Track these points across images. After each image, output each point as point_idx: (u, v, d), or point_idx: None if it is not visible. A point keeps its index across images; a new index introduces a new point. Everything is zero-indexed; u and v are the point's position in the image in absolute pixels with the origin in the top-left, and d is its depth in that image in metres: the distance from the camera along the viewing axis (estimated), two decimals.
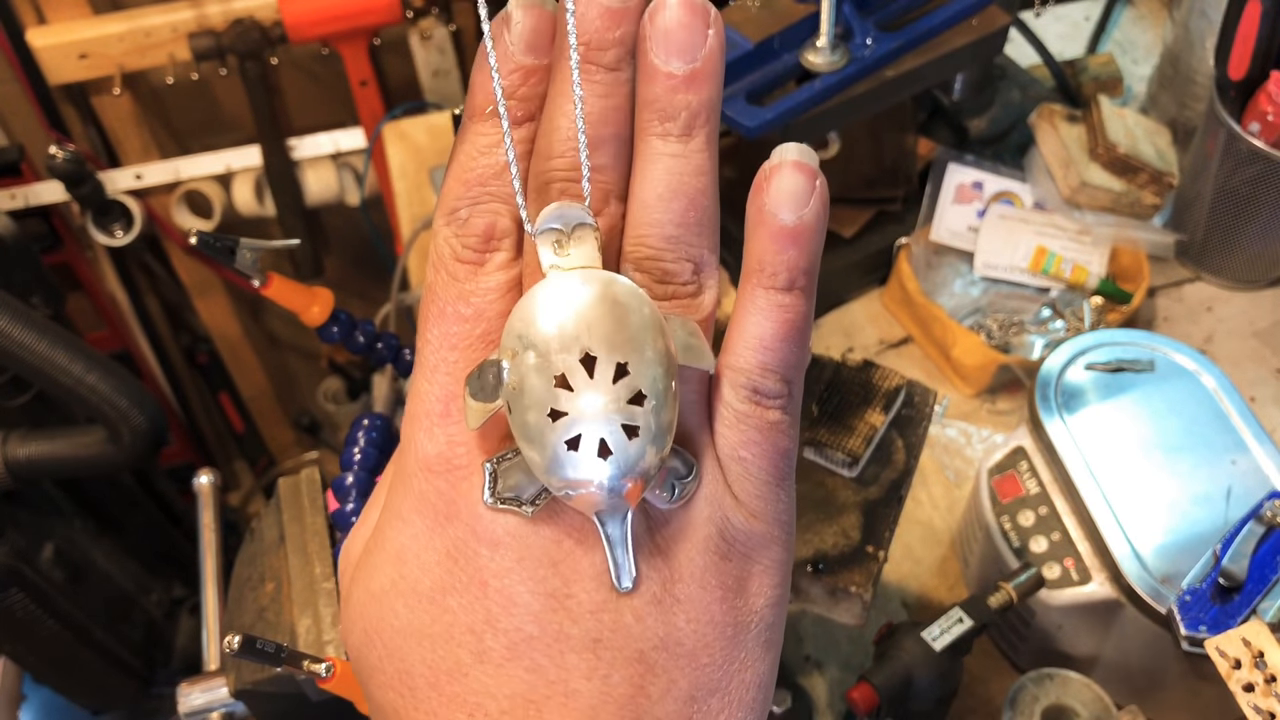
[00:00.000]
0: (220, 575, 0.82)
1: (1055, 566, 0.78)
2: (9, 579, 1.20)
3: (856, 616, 0.63)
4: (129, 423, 1.14)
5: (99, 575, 1.40)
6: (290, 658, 0.50)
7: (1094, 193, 1.05)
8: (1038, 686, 0.74)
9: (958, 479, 0.99)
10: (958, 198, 1.10)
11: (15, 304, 1.07)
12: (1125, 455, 0.79)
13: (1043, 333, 1.05)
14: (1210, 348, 1.07)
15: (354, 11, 1.65)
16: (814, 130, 0.89)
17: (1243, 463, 0.78)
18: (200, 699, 0.68)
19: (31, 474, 1.19)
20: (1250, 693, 0.63)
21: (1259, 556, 0.71)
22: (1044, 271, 1.06)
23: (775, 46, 0.86)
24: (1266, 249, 1.07)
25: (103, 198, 1.75)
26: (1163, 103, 1.24)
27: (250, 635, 0.48)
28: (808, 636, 0.89)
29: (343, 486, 0.58)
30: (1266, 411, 1.01)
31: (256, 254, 0.57)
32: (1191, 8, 1.15)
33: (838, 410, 0.68)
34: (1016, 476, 0.83)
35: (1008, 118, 1.19)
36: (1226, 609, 0.70)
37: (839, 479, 0.67)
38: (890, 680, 0.67)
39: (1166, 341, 0.85)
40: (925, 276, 1.08)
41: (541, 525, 0.28)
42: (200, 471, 0.89)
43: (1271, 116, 0.98)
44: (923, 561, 0.94)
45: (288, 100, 1.89)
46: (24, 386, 1.33)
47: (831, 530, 0.64)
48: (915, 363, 1.08)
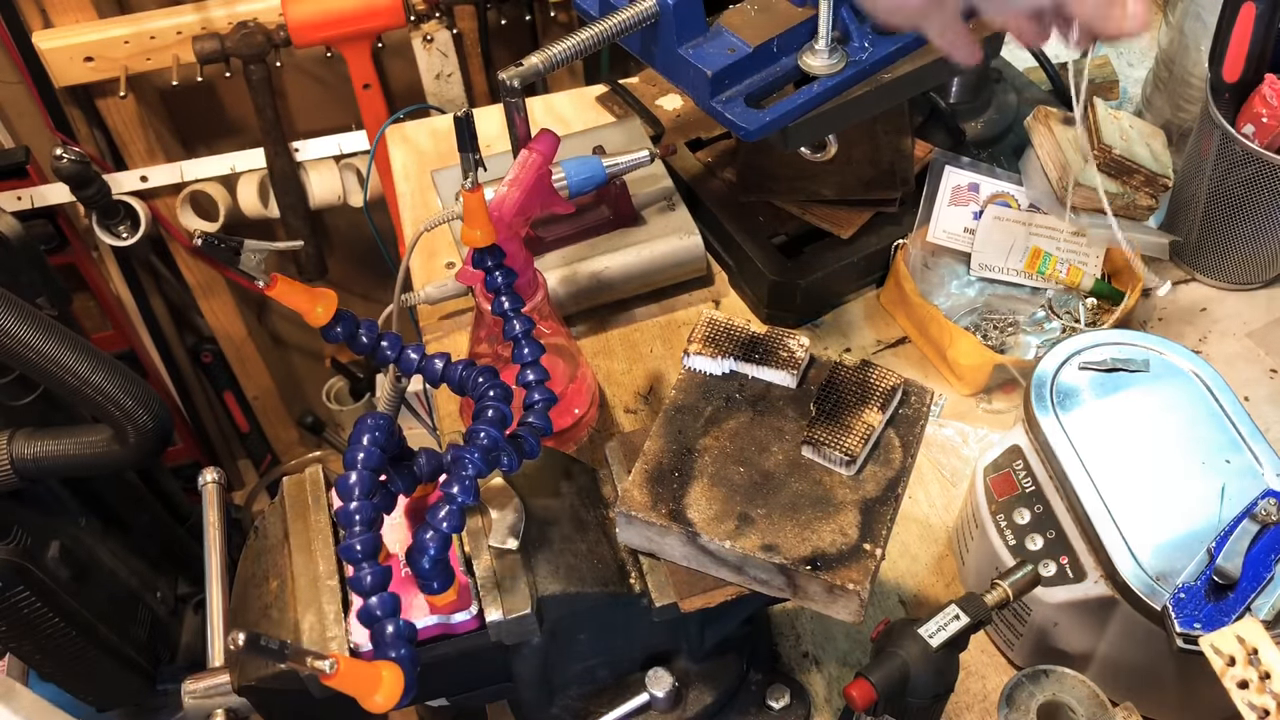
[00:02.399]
0: (225, 573, 0.82)
1: (1051, 564, 0.79)
2: (15, 577, 1.21)
3: (854, 614, 0.64)
4: (134, 422, 1.15)
5: (104, 573, 1.41)
6: (294, 654, 0.51)
7: (1089, 194, 1.05)
8: (1033, 683, 0.75)
9: (954, 477, 0.99)
10: (954, 199, 1.11)
11: (22, 304, 1.08)
12: (1120, 454, 0.80)
13: (1038, 333, 1.05)
14: (1204, 348, 1.07)
15: (357, 15, 1.66)
16: (812, 133, 0.90)
17: (1237, 462, 0.79)
18: (205, 695, 0.69)
19: (38, 473, 1.20)
20: (1245, 689, 0.64)
21: (1253, 554, 0.72)
22: (1039, 272, 1.07)
23: (774, 50, 0.86)
24: (1260, 250, 1.08)
25: (108, 199, 1.76)
26: (1158, 105, 1.25)
27: (254, 632, 0.49)
28: (806, 633, 0.90)
29: (346, 485, 0.59)
30: (1260, 411, 1.01)
31: (261, 255, 0.58)
32: (1186, 11, 1.16)
33: (835, 409, 0.69)
34: (1012, 475, 0.84)
35: (1004, 120, 1.20)
36: (1221, 606, 0.70)
37: (836, 477, 0.67)
38: (887, 677, 0.68)
39: (1161, 341, 0.86)
40: (922, 277, 1.09)
41: None
42: (205, 470, 0.90)
43: (1266, 118, 0.99)
44: (919, 559, 0.95)
45: (291, 103, 1.90)
46: (30, 386, 1.34)
47: (829, 528, 0.65)
48: (912, 362, 1.09)
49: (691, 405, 0.71)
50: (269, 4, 1.68)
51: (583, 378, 1.02)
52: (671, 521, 0.65)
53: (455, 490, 0.58)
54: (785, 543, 0.64)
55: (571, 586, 0.67)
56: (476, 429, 0.61)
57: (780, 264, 1.08)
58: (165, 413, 1.19)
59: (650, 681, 0.75)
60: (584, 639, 0.73)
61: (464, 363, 0.67)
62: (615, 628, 0.73)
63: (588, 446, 1.03)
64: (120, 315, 1.96)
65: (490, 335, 0.95)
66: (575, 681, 0.77)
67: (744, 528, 0.65)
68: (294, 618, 0.64)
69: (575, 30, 0.83)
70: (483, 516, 0.68)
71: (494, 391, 0.64)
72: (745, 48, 0.85)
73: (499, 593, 0.65)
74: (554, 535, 0.69)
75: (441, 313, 1.15)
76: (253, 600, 0.68)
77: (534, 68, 0.81)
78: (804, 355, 0.72)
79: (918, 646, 0.69)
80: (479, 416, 0.63)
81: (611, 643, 0.75)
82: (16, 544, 1.23)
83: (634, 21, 0.83)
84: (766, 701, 0.82)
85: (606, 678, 0.77)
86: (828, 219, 1.10)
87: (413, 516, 0.68)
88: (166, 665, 1.49)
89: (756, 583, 0.65)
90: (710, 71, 0.83)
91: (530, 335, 0.68)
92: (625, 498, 0.66)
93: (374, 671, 0.55)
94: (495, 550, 0.66)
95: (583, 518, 0.71)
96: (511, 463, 0.63)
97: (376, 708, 0.55)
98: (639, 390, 1.08)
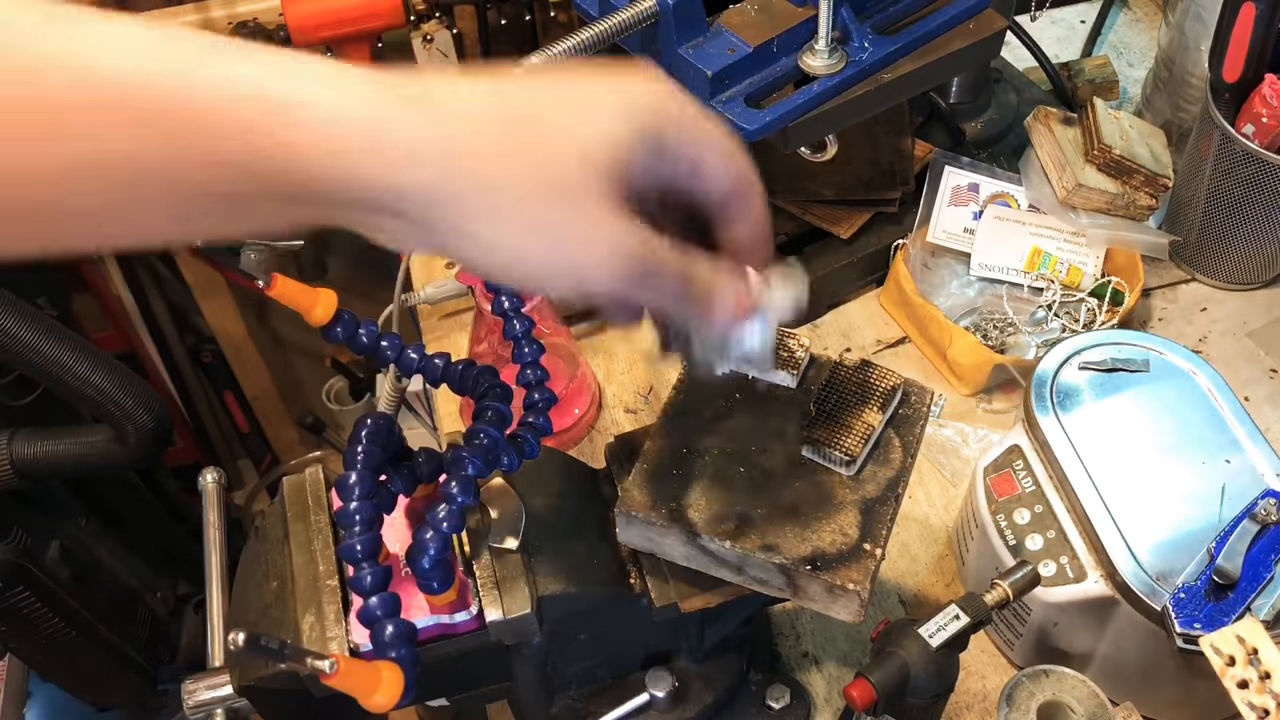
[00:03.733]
0: (225, 573, 0.82)
1: (1050, 564, 0.79)
2: (15, 577, 1.21)
3: (854, 614, 0.64)
4: (134, 422, 1.15)
5: (105, 573, 1.41)
6: (294, 654, 0.51)
7: (1089, 194, 1.05)
8: (1033, 683, 0.75)
9: (954, 477, 0.99)
10: (954, 199, 1.11)
11: (22, 304, 1.08)
12: (1120, 454, 0.80)
13: (1038, 333, 1.05)
14: (1204, 348, 1.07)
15: (357, 15, 1.65)
16: (812, 133, 0.90)
17: (1237, 462, 0.79)
18: (205, 695, 0.69)
19: (38, 473, 1.20)
20: (1245, 689, 0.64)
21: (1253, 554, 0.72)
22: (1039, 272, 1.07)
23: (774, 50, 0.86)
24: (1260, 250, 1.08)
25: None
26: (1158, 105, 1.25)
27: (254, 632, 0.49)
28: (806, 633, 0.90)
29: (346, 485, 0.59)
30: (1260, 411, 1.01)
31: (261, 255, 0.58)
32: (1186, 11, 1.16)
33: (835, 409, 0.69)
34: (1012, 475, 0.84)
35: (1004, 120, 1.20)
36: (1221, 606, 0.70)
37: (836, 477, 0.67)
38: (887, 676, 0.68)
39: (1161, 342, 0.86)
40: (922, 277, 1.09)
41: None
42: (205, 470, 0.90)
43: (1266, 118, 0.99)
44: (919, 559, 0.95)
45: None
46: (30, 386, 1.34)
47: (829, 528, 0.65)
48: (912, 362, 1.09)
49: (692, 405, 0.71)
50: (269, 4, 1.68)
51: (583, 378, 1.02)
52: (671, 521, 0.65)
53: (455, 490, 0.58)
54: (785, 543, 0.64)
55: (571, 586, 0.67)
56: (476, 429, 0.61)
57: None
58: (165, 413, 1.19)
59: (650, 681, 0.75)
60: (584, 639, 0.73)
61: (464, 363, 0.67)
62: (615, 628, 0.73)
63: (588, 446, 1.03)
64: (120, 315, 1.96)
65: (490, 335, 0.95)
66: (575, 681, 0.77)
67: (744, 528, 0.65)
68: (294, 618, 0.64)
69: (575, 30, 0.83)
70: (483, 516, 0.68)
71: (494, 391, 0.64)
72: (745, 48, 0.85)
73: (499, 593, 0.65)
74: (554, 535, 0.69)
75: (441, 313, 1.15)
76: (253, 600, 0.68)
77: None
78: (804, 355, 0.71)
79: (918, 646, 0.69)
80: (479, 416, 0.63)
81: (611, 643, 0.75)
82: (16, 544, 1.23)
83: (634, 21, 0.83)
84: (766, 701, 0.82)
85: (606, 678, 0.77)
86: (828, 219, 1.10)
87: (413, 516, 0.68)
88: (166, 665, 1.49)
89: (756, 583, 0.65)
90: (710, 71, 0.83)
91: (530, 335, 0.68)
92: (625, 498, 0.66)
93: (374, 671, 0.54)
94: (495, 550, 0.66)
95: (583, 518, 0.71)
96: (511, 463, 0.63)
97: (376, 708, 0.55)
98: (639, 390, 1.08)
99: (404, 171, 0.40)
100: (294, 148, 0.39)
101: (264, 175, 0.39)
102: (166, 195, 0.39)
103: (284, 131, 0.39)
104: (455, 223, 0.41)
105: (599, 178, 0.42)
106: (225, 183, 0.39)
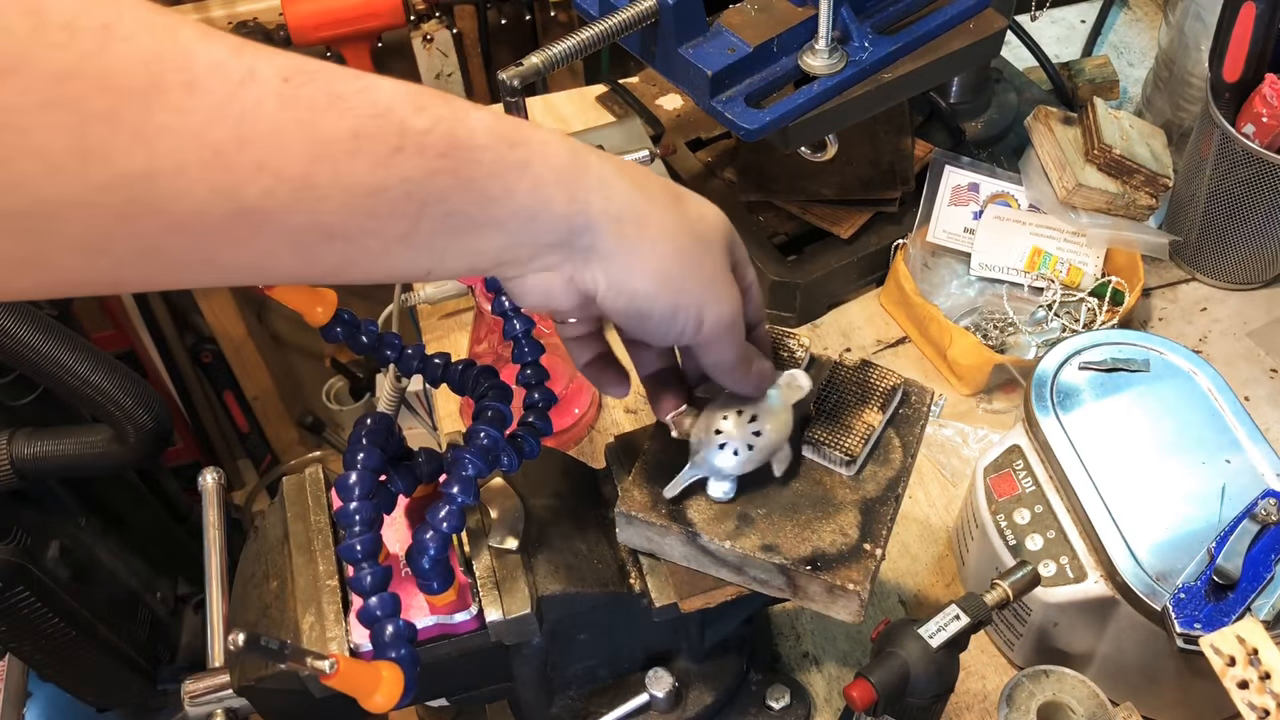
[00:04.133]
0: (225, 573, 0.82)
1: (1050, 564, 0.79)
2: (15, 577, 1.21)
3: (854, 614, 0.64)
4: (134, 422, 1.15)
5: (104, 573, 1.40)
6: (294, 654, 0.51)
7: (1089, 194, 1.05)
8: (1033, 683, 0.75)
9: (954, 477, 0.99)
10: (954, 199, 1.11)
11: (21, 304, 1.08)
12: (1120, 454, 0.80)
13: (1038, 333, 1.05)
14: (1205, 348, 1.07)
15: (357, 15, 1.66)
16: (812, 132, 0.90)
17: (1237, 462, 0.79)
18: (204, 695, 0.69)
19: (37, 472, 1.20)
20: (1245, 690, 0.64)
21: (1253, 554, 0.72)
22: (1040, 272, 1.07)
23: (774, 50, 0.86)
24: (1260, 250, 1.08)
25: None
26: (1158, 105, 1.25)
27: (254, 632, 0.49)
28: (806, 633, 0.90)
29: (346, 485, 0.59)
30: (1260, 411, 1.01)
31: None
32: (1186, 11, 1.16)
33: (835, 409, 0.69)
34: (1012, 475, 0.84)
35: (1004, 120, 1.20)
36: (1221, 607, 0.70)
37: (836, 478, 0.67)
38: (887, 677, 0.68)
39: (1161, 341, 0.86)
40: (922, 277, 1.09)
41: None
42: (205, 470, 0.90)
43: (1266, 118, 0.99)
44: (920, 559, 0.95)
45: None
46: (30, 386, 1.34)
47: (829, 528, 0.65)
48: (912, 362, 1.09)
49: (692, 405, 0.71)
50: (269, 4, 1.68)
51: (583, 378, 1.02)
52: (671, 521, 0.65)
53: (455, 490, 0.58)
54: (785, 543, 0.64)
55: (571, 586, 0.67)
56: (476, 429, 0.61)
57: (780, 264, 1.08)
58: (165, 412, 1.19)
59: (650, 681, 0.75)
60: (584, 639, 0.73)
61: (464, 363, 0.67)
62: (615, 628, 0.73)
63: (588, 446, 1.03)
64: (120, 315, 1.96)
65: (490, 335, 0.95)
66: (575, 681, 0.77)
67: (744, 528, 0.64)
68: (294, 618, 0.64)
69: (575, 30, 0.83)
70: (483, 516, 0.68)
71: (494, 391, 0.64)
72: (745, 47, 0.85)
73: (499, 593, 0.65)
74: (554, 535, 0.69)
75: (441, 313, 1.15)
76: (252, 600, 0.68)
77: (534, 67, 0.81)
78: (804, 355, 0.71)
79: (918, 646, 0.69)
80: (479, 416, 0.63)
81: (611, 643, 0.75)
82: (16, 544, 1.23)
83: (634, 21, 0.83)
84: (766, 701, 0.82)
85: (606, 678, 0.77)
86: (828, 219, 1.10)
87: (413, 516, 0.68)
88: (166, 665, 1.48)
89: (756, 583, 0.65)
90: (710, 71, 0.83)
91: (530, 335, 0.68)
92: (625, 498, 0.66)
93: (374, 671, 0.54)
94: (495, 550, 0.66)
95: (583, 518, 0.71)
96: (511, 463, 0.63)
97: (376, 708, 0.55)
98: (639, 390, 1.08)
99: (596, 193, 0.48)
100: (528, 167, 0.45)
101: (491, 199, 0.45)
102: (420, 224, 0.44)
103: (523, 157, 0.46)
104: (618, 243, 0.49)
105: (724, 249, 0.55)
106: (466, 205, 0.44)
